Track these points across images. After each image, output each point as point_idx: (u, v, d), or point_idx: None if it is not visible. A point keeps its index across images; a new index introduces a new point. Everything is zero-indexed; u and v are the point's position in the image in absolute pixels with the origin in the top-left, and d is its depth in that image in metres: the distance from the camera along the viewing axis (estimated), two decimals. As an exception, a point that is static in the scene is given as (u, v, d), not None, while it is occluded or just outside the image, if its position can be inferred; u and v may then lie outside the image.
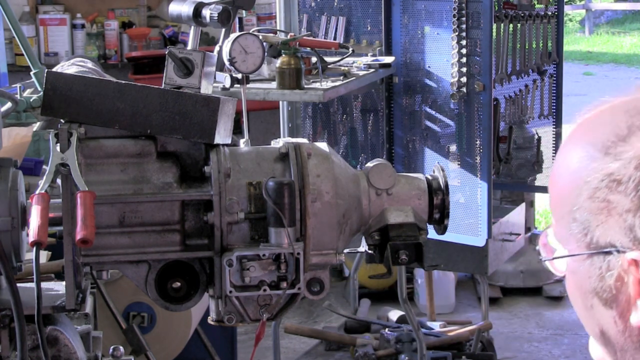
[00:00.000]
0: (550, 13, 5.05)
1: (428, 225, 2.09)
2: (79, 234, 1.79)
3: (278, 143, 2.05)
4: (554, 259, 1.29)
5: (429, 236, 2.06)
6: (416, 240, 2.01)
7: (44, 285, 1.96)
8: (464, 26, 4.34)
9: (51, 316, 2.02)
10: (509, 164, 4.90)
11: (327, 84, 4.05)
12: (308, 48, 4.19)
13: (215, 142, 1.97)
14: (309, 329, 4.90)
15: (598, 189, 1.19)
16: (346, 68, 4.31)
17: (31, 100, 3.07)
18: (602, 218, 1.19)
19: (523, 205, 5.20)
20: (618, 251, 1.18)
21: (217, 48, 2.39)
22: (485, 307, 4.79)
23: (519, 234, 4.90)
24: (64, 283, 1.93)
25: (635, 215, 1.16)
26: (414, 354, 4.32)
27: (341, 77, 4.19)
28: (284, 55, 4.00)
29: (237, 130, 3.35)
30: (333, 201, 1.97)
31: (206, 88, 2.11)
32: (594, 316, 1.25)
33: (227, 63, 2.39)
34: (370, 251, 2.06)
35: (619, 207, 1.17)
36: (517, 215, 4.97)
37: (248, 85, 2.41)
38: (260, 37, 2.45)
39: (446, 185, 2.09)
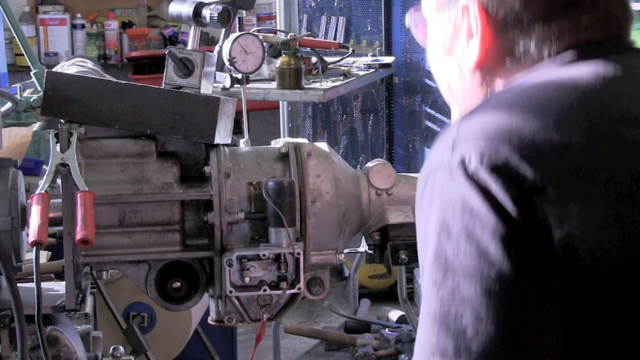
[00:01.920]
0: (550, 13, 5.04)
1: (428, 225, 2.08)
2: (79, 234, 1.78)
3: (278, 143, 2.05)
4: (415, 24, 1.45)
5: (429, 236, 2.06)
6: (416, 240, 2.01)
7: (44, 285, 1.96)
8: (464, 26, 4.34)
9: (51, 316, 2.02)
10: (509, 164, 4.88)
11: (327, 84, 4.05)
12: (308, 48, 4.19)
13: (215, 142, 1.97)
14: (309, 329, 4.90)
15: None
16: (346, 68, 4.31)
17: (31, 100, 3.07)
18: None
19: (523, 205, 5.19)
20: (455, 2, 1.33)
21: (217, 48, 2.38)
22: (485, 307, 4.78)
23: (519, 234, 4.89)
24: (64, 283, 1.93)
25: None
26: (414, 354, 4.32)
27: (341, 77, 4.19)
28: (284, 55, 4.00)
29: (237, 130, 3.35)
30: (333, 201, 1.97)
31: (206, 88, 2.11)
32: (442, 69, 1.41)
33: (227, 63, 2.39)
34: (370, 251, 2.06)
35: None
36: (517, 215, 4.96)
37: (248, 85, 2.40)
38: (260, 37, 2.44)
39: (446, 185, 2.08)
